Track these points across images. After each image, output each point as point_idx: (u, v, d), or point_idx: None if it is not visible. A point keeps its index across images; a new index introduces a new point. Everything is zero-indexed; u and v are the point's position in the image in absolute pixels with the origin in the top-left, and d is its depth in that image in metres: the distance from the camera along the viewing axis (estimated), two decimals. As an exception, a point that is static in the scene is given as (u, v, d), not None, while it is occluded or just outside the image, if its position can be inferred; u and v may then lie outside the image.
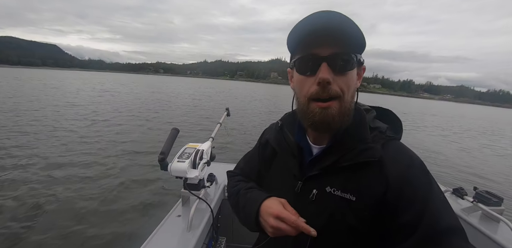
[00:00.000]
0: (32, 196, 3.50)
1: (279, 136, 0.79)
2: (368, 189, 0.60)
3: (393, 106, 31.43)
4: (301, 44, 0.61)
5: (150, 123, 9.27)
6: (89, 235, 2.78)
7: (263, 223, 0.66)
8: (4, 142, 5.67)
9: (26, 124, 7.50)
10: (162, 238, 1.14)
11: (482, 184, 5.51)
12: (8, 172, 4.17)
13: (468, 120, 27.22)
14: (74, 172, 4.35)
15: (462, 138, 12.79)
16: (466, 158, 8.26)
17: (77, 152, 5.38)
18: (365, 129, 0.65)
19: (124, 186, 4.00)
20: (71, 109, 10.95)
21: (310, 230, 0.57)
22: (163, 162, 1.21)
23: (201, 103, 17.61)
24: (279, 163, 0.79)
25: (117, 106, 12.98)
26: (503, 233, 1.32)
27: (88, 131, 7.31)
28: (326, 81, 0.56)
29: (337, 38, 0.57)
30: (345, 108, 0.61)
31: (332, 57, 0.57)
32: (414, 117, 22.09)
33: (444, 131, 14.84)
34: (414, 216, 0.55)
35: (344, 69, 0.59)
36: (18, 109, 9.92)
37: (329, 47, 0.58)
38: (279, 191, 0.72)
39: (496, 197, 1.46)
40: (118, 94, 20.61)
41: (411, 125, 15.56)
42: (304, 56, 0.60)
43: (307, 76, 0.61)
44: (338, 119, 0.60)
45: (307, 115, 0.62)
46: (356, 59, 0.60)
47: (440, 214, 0.55)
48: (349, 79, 0.60)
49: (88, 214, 3.17)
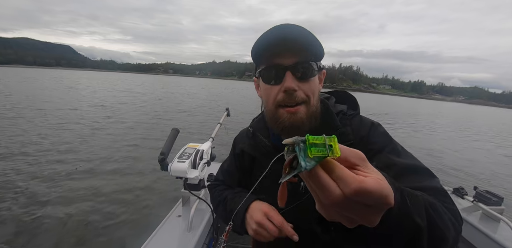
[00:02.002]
0: (33, 194, 3.56)
1: (254, 142, 0.81)
2: None
3: (396, 109, 30.77)
4: (265, 55, 0.64)
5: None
6: (90, 235, 2.78)
7: (249, 219, 0.69)
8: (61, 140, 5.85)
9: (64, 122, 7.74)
10: (162, 238, 1.15)
11: (482, 184, 5.44)
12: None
13: (478, 121, 26.46)
14: (74, 173, 4.37)
15: (464, 138, 12.62)
16: (466, 158, 8.19)
17: (81, 154, 5.48)
18: (333, 117, 0.71)
19: (125, 186, 4.02)
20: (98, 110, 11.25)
21: (293, 234, 0.60)
22: (163, 162, 1.22)
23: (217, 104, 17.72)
24: (260, 168, 0.80)
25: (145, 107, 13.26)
26: (503, 232, 1.32)
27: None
28: (292, 89, 0.61)
29: (297, 48, 0.62)
30: (312, 111, 0.66)
31: (294, 65, 0.62)
32: (418, 118, 21.61)
33: (453, 132, 14.53)
34: (383, 161, 0.62)
35: (307, 76, 0.63)
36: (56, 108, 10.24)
37: (291, 57, 0.62)
38: (270, 193, 0.72)
39: (497, 196, 1.46)
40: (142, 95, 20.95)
41: (413, 125, 15.33)
42: (269, 66, 0.64)
43: (272, 85, 0.65)
44: (307, 121, 0.65)
45: (276, 120, 0.66)
46: (317, 66, 0.65)
47: (404, 157, 0.64)
48: (312, 85, 0.65)
49: (89, 214, 3.17)
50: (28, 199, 3.44)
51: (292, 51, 0.62)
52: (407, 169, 0.61)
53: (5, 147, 5.35)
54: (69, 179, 4.13)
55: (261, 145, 0.78)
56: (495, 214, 1.39)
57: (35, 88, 20.51)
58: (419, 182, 0.58)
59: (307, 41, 0.62)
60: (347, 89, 19.76)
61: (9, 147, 5.37)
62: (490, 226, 1.37)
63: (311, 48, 0.63)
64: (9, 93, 15.29)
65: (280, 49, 0.61)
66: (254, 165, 0.83)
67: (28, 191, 3.65)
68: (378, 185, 0.29)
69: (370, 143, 0.67)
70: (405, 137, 10.54)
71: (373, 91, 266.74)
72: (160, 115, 11.19)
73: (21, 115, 8.85)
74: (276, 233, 0.62)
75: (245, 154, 0.85)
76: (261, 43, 0.63)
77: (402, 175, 0.59)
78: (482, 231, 1.34)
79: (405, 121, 17.18)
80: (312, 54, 0.64)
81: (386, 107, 31.29)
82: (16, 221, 2.94)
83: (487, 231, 1.33)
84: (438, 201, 0.52)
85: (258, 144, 0.79)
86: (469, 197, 1.51)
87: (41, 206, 3.29)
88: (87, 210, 3.27)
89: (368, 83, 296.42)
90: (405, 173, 0.60)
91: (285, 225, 0.62)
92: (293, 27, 0.62)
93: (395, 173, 0.59)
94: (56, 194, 3.63)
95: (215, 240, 1.46)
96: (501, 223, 1.39)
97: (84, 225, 2.97)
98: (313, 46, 0.63)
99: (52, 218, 3.04)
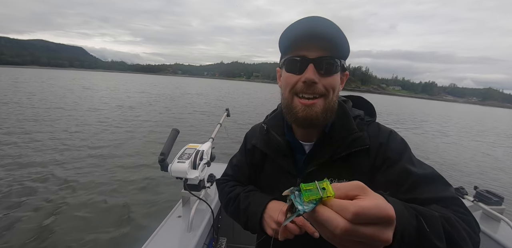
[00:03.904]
0: (35, 192, 3.63)
1: (267, 139, 0.81)
2: (360, 170, 0.68)
3: (403, 110, 30.22)
4: (291, 46, 0.64)
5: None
6: (90, 235, 2.79)
7: (267, 219, 0.69)
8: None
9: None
10: (162, 238, 1.15)
11: (483, 183, 5.52)
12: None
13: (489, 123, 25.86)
14: (74, 173, 4.42)
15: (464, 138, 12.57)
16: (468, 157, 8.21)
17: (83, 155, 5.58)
18: (350, 121, 0.71)
19: (125, 187, 4.05)
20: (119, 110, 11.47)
21: (314, 231, 0.59)
22: (163, 163, 1.22)
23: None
24: (272, 165, 0.82)
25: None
26: (504, 232, 1.33)
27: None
28: (312, 81, 0.61)
29: (324, 44, 0.62)
30: (329, 107, 0.66)
31: (318, 59, 0.62)
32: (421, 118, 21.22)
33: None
34: (399, 171, 0.64)
35: (329, 71, 0.63)
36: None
37: (317, 50, 0.62)
38: (278, 191, 0.74)
39: (497, 196, 1.47)
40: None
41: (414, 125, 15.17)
42: (294, 56, 0.64)
43: (295, 74, 0.65)
44: (322, 116, 0.65)
45: (290, 110, 0.67)
46: (340, 63, 0.64)
47: (419, 167, 0.65)
48: (333, 81, 0.65)
49: (89, 214, 3.19)
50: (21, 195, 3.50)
51: (318, 45, 0.62)
52: (423, 179, 0.62)
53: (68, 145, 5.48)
54: (69, 179, 4.15)
55: (274, 142, 0.79)
56: (496, 214, 1.40)
57: (68, 89, 21.16)
58: (435, 192, 0.60)
59: (334, 37, 0.62)
60: (356, 90, 19.90)
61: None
62: (491, 226, 1.38)
63: (337, 44, 0.63)
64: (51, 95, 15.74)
65: (308, 42, 0.62)
66: (265, 162, 0.84)
67: (38, 189, 3.73)
68: (373, 202, 0.33)
69: (389, 150, 0.68)
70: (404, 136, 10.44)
71: (382, 92, 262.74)
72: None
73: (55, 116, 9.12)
74: (297, 231, 0.62)
75: (257, 150, 0.85)
76: (289, 34, 0.63)
77: (419, 185, 0.61)
78: (483, 230, 1.34)
79: (406, 121, 17.05)
80: (338, 50, 0.63)
81: (389, 108, 31.14)
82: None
83: (487, 231, 1.34)
84: (453, 212, 0.54)
85: (271, 141, 0.80)
86: (469, 197, 1.52)
87: (41, 205, 3.31)
88: (87, 210, 3.28)
89: (378, 84, 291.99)
90: (421, 183, 0.62)
91: (307, 224, 0.61)
92: (323, 21, 0.61)
93: (412, 183, 0.62)
94: (55, 193, 3.67)
95: (215, 240, 1.46)
96: (502, 223, 1.40)
97: (84, 225, 2.98)
98: (339, 43, 0.63)
99: (52, 218, 3.05)
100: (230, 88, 49.57)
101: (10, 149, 5.31)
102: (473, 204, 1.49)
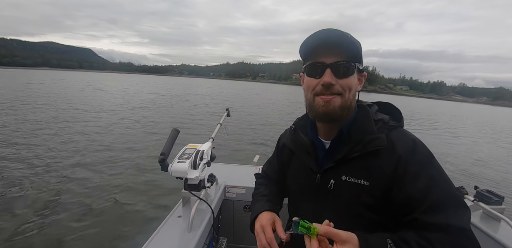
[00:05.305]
0: (37, 191, 3.69)
1: (294, 138, 0.93)
2: (378, 172, 0.71)
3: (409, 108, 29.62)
4: (311, 54, 0.76)
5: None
6: (90, 235, 2.81)
7: (255, 225, 0.87)
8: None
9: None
10: (162, 238, 1.15)
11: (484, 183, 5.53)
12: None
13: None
14: (75, 173, 4.48)
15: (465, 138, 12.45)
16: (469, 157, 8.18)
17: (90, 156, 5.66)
18: (370, 122, 0.77)
19: (125, 187, 4.08)
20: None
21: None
22: (163, 163, 1.23)
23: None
24: (297, 162, 0.92)
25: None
26: (504, 232, 1.33)
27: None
28: (329, 83, 0.71)
29: (338, 50, 0.72)
30: (346, 104, 0.75)
31: (334, 64, 0.72)
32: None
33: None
34: (418, 189, 0.66)
35: (345, 74, 0.73)
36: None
37: (333, 57, 0.72)
38: (301, 185, 0.88)
39: (497, 196, 1.47)
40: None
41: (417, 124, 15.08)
42: (313, 63, 0.75)
43: (315, 78, 0.75)
44: (339, 111, 0.74)
45: (312, 107, 0.77)
46: (355, 66, 0.74)
47: (440, 187, 0.66)
48: (348, 81, 0.74)
49: (89, 215, 3.21)
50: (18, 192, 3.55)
51: (333, 52, 0.72)
52: (438, 202, 0.64)
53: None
54: (69, 179, 4.19)
55: (299, 141, 0.90)
56: (496, 214, 1.40)
57: (80, 90, 21.93)
58: (447, 218, 0.62)
59: (346, 44, 0.72)
60: (362, 90, 20.04)
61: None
62: (491, 225, 1.38)
63: (349, 50, 0.73)
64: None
65: (324, 49, 0.72)
66: (292, 159, 0.96)
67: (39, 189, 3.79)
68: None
69: (411, 164, 0.69)
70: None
71: (389, 92, 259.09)
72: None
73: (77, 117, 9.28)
74: (266, 246, 0.77)
75: (286, 148, 0.98)
76: (308, 43, 0.74)
77: (433, 210, 0.64)
78: (483, 230, 1.34)
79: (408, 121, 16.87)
80: (351, 55, 0.73)
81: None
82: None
83: (487, 231, 1.34)
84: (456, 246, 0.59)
85: (297, 140, 0.91)
86: (469, 197, 1.52)
87: (40, 205, 3.35)
88: (87, 211, 3.31)
89: (385, 84, 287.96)
90: (435, 208, 0.64)
91: (273, 243, 0.76)
92: (336, 32, 0.72)
93: (427, 206, 0.64)
94: (54, 193, 3.70)
95: (215, 240, 1.46)
96: (502, 223, 1.39)
97: (84, 225, 3.00)
98: (352, 48, 0.73)
99: (52, 218, 3.09)
100: (237, 89, 49.77)
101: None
102: (473, 203, 1.49)
